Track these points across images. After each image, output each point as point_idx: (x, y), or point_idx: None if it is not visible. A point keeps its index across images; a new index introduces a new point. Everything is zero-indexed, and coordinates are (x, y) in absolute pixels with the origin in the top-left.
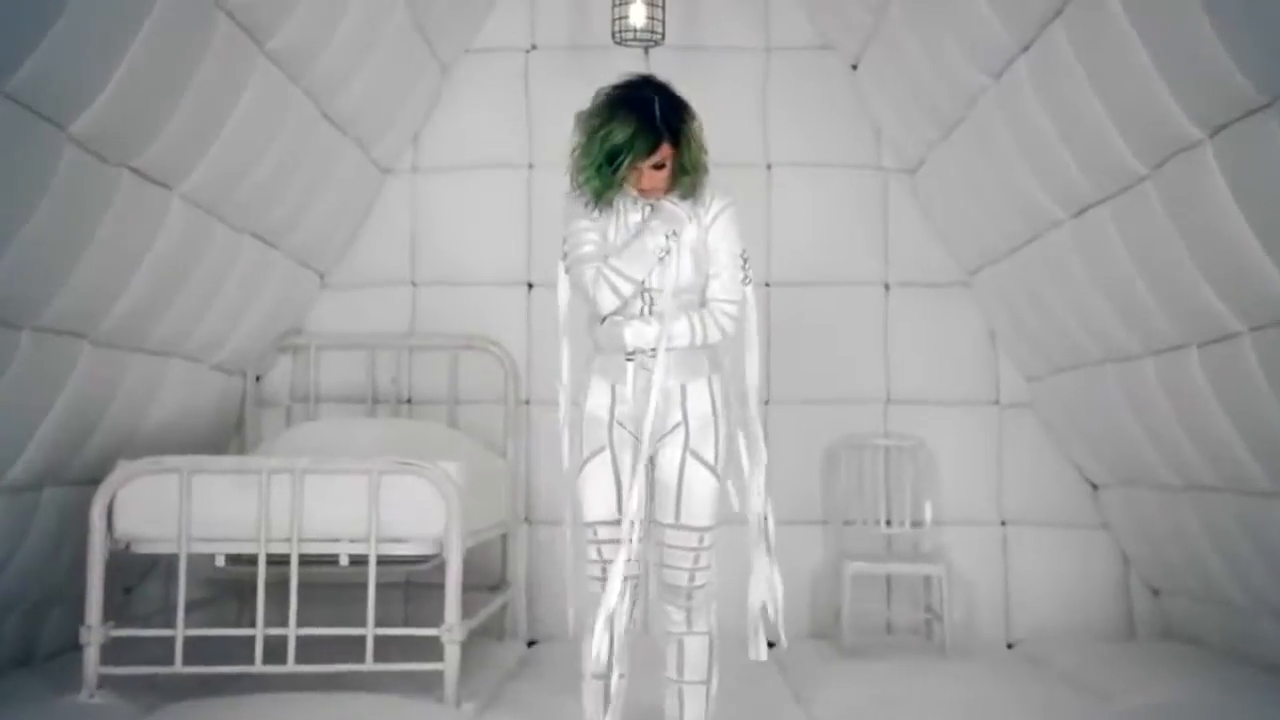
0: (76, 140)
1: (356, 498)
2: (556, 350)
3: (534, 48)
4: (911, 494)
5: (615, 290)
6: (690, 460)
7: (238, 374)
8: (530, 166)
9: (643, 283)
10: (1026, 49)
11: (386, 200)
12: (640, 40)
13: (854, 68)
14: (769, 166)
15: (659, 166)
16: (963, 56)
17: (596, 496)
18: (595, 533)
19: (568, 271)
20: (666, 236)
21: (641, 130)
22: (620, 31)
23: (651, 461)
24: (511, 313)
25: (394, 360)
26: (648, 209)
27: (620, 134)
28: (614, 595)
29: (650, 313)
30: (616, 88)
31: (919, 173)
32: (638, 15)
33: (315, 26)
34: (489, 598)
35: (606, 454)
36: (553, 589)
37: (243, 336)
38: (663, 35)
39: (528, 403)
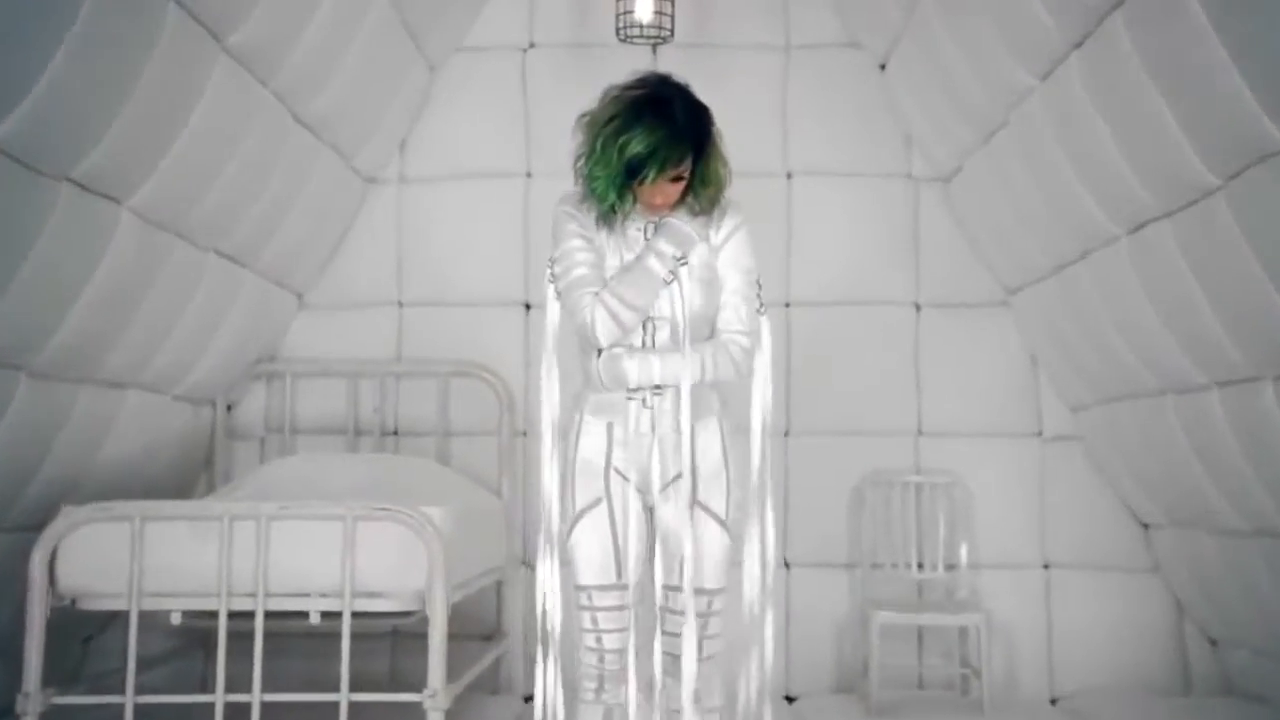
0: (3, 149)
1: (329, 547)
2: (544, 384)
3: (532, 46)
4: (945, 535)
5: (617, 319)
6: (698, 513)
7: (205, 404)
8: (528, 175)
9: (648, 311)
10: (1079, 45)
11: (370, 213)
12: (647, 37)
13: (882, 67)
14: (789, 176)
15: (677, 179)
16: (1006, 54)
17: (591, 557)
18: (589, 598)
19: (558, 296)
20: (675, 259)
21: (667, 139)
22: (625, 28)
23: (652, 514)
24: (507, 336)
25: (378, 388)
26: (653, 227)
27: (643, 143)
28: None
29: (654, 344)
30: (631, 87)
31: (954, 182)
32: (644, 10)
33: (283, 21)
34: (482, 649)
35: (603, 507)
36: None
37: (210, 363)
38: (671, 32)
39: (525, 435)
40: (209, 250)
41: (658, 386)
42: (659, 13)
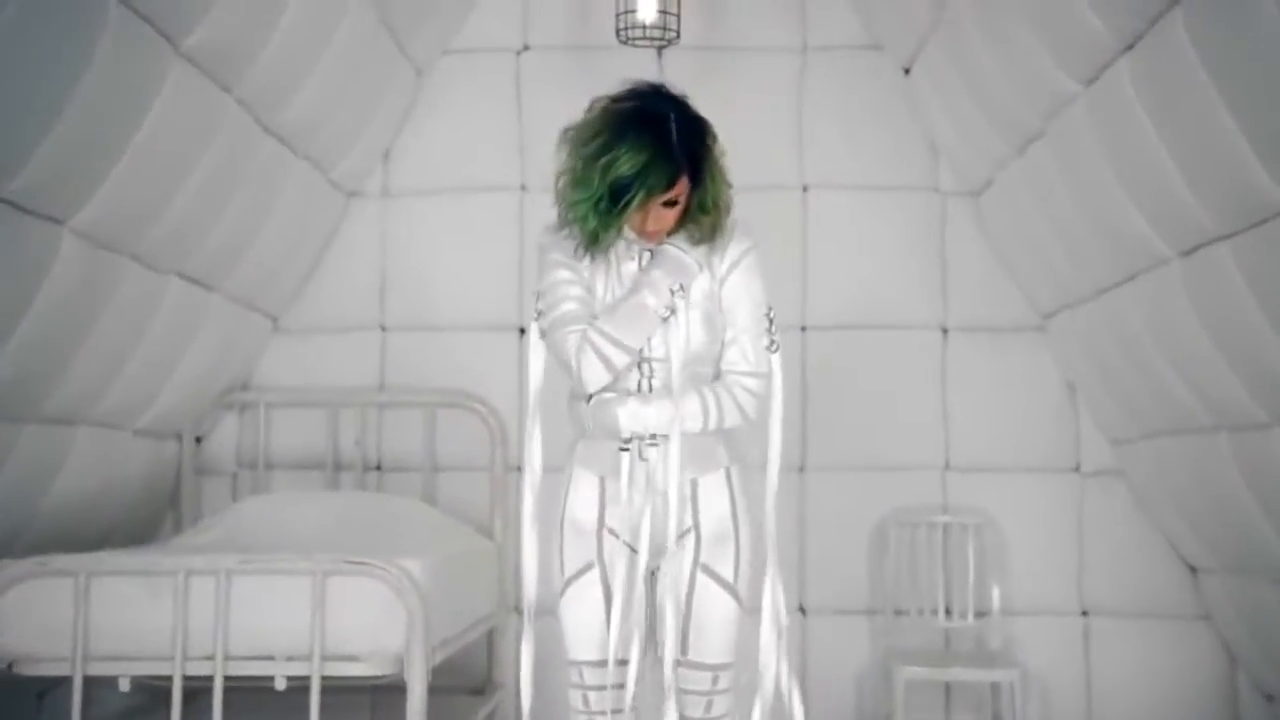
0: None
1: (297, 604)
2: (527, 443)
3: (526, 48)
4: (975, 579)
5: (606, 361)
6: (702, 578)
7: (170, 438)
8: (523, 189)
9: (641, 351)
10: (1131, 47)
11: (351, 229)
12: (650, 39)
13: (906, 71)
14: (805, 189)
15: (671, 204)
16: (1047, 57)
17: (582, 629)
18: (581, 675)
19: (544, 335)
20: (672, 291)
21: (657, 160)
22: (627, 29)
23: (652, 577)
24: (500, 364)
25: (360, 419)
26: (647, 255)
27: (629, 163)
28: None
29: (650, 388)
30: (620, 100)
31: (984, 196)
32: (647, 10)
33: (247, 22)
34: (472, 704)
35: (595, 572)
36: (549, 691)
37: (174, 395)
38: (678, 33)
39: (519, 470)
40: (170, 274)
41: (653, 436)
42: (664, 12)
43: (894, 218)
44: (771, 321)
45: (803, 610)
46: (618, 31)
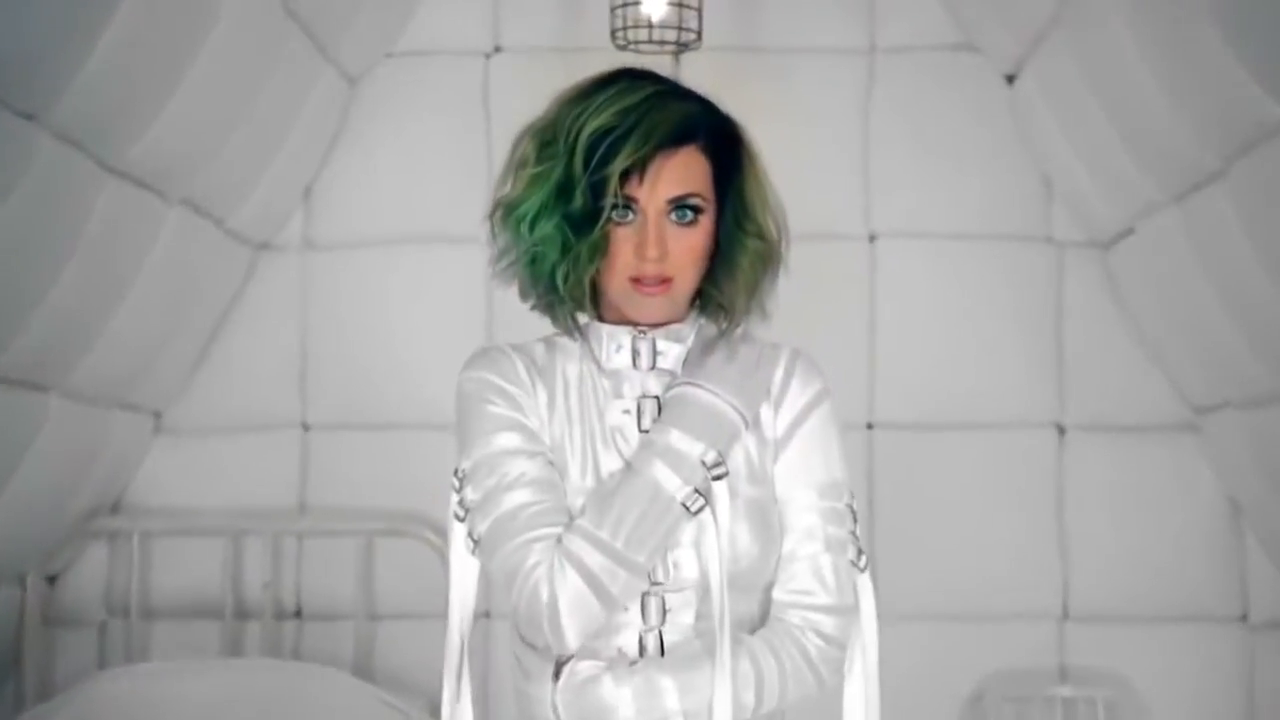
0: None
1: None
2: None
3: (498, 50)
4: None
5: (599, 590)
6: None
7: (11, 581)
8: (493, 235)
9: (652, 574)
10: None
11: (260, 293)
12: (659, 43)
13: (1010, 79)
14: (872, 238)
15: (687, 221)
16: (1233, 63)
17: None
18: None
19: (477, 547)
20: (706, 464)
21: (657, 100)
22: (625, 28)
23: None
24: None
25: (272, 552)
26: (647, 353)
27: (614, 105)
28: None
29: (663, 644)
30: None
31: (1117, 250)
32: (654, 6)
33: None
34: None
35: None
36: None
37: (12, 522)
38: (698, 33)
39: (488, 615)
40: None
41: None
42: (681, 4)
43: (991, 277)
44: (855, 517)
45: None
46: (613, 33)
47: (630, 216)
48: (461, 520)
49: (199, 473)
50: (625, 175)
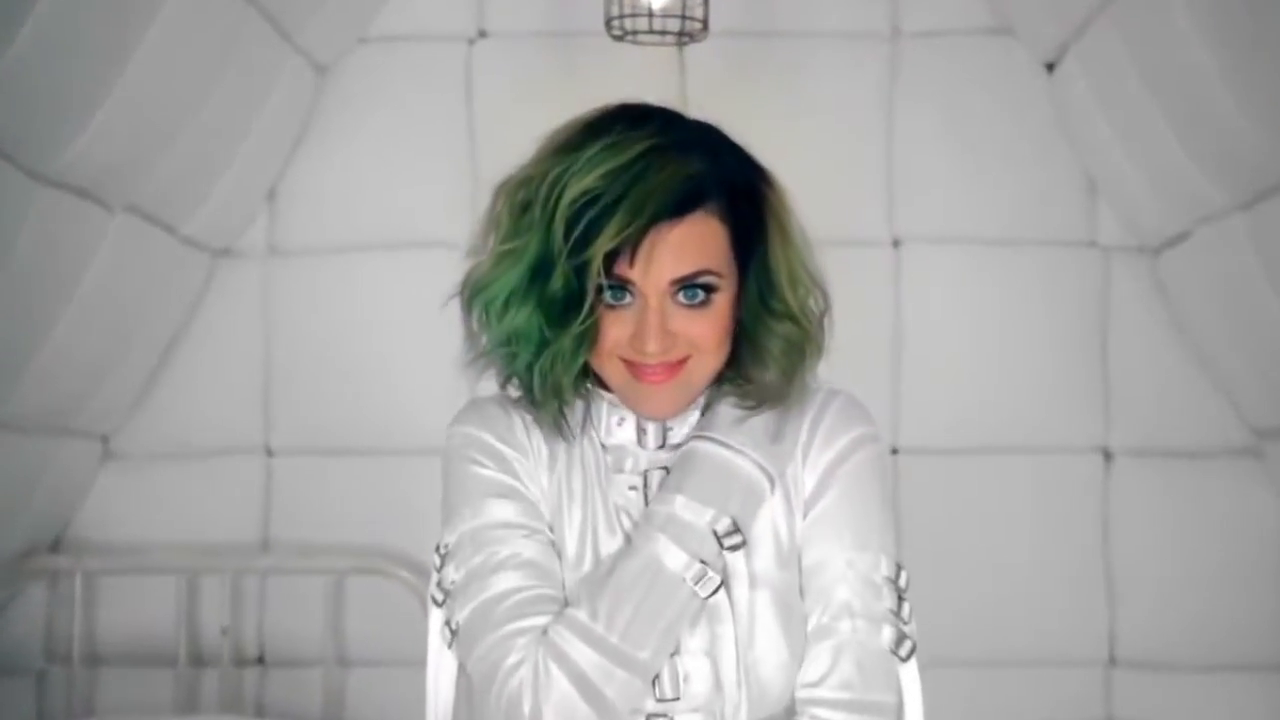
0: None
1: None
2: None
3: (483, 35)
4: None
5: (588, 694)
6: None
7: None
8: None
9: (657, 679)
10: None
11: (220, 304)
12: (657, 32)
13: (1050, 68)
14: (896, 243)
15: (698, 301)
16: None
17: None
18: None
19: (450, 628)
20: (719, 537)
21: (657, 154)
22: (620, 17)
23: None
24: (435, 506)
25: (231, 591)
26: (664, 435)
27: (603, 164)
28: None
29: None
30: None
31: (1168, 257)
32: None
33: None
34: None
35: None
36: None
37: None
38: (703, 23)
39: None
40: None
41: None
42: None
43: (1029, 286)
44: (901, 594)
45: None
46: (609, 22)
47: (626, 299)
48: (440, 605)
49: (150, 504)
50: (616, 254)
